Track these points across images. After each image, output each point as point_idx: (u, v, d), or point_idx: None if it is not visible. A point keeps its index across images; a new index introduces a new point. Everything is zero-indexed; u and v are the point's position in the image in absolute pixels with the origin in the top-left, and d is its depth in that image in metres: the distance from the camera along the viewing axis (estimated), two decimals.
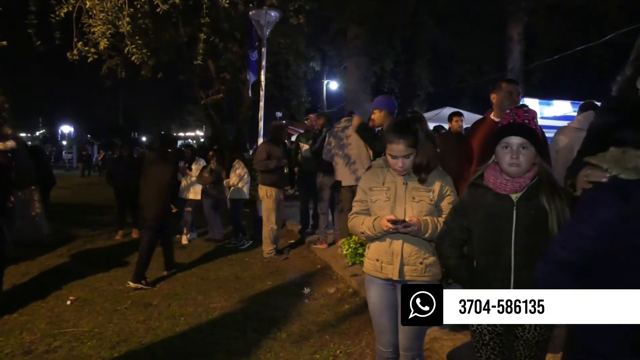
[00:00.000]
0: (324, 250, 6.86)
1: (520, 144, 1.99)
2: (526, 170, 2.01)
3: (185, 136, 48.95)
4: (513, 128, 2.02)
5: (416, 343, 2.60)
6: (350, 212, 2.70)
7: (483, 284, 2.05)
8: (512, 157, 1.98)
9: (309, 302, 4.99)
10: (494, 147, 2.05)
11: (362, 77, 15.03)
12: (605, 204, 1.50)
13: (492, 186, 2.06)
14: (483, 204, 2.08)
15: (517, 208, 2.00)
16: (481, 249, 2.12)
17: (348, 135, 6.12)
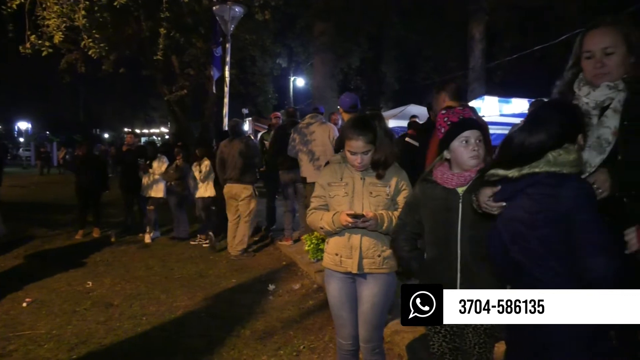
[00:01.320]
0: (290, 247, 6.87)
1: (477, 137, 2.08)
2: (481, 162, 2.09)
3: (149, 133, 47.96)
4: (469, 123, 2.10)
5: (376, 334, 2.65)
6: (309, 207, 2.73)
7: (432, 275, 2.14)
8: (472, 150, 2.07)
9: (273, 298, 4.99)
10: (449, 144, 2.11)
11: (329, 74, 15.08)
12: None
13: (439, 181, 2.14)
14: (432, 198, 2.17)
15: (462, 201, 2.08)
16: (431, 241, 2.21)
17: (312, 132, 6.14)
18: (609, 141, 1.94)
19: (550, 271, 1.66)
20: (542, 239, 1.65)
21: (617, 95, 1.95)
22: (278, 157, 6.94)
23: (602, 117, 1.97)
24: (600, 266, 1.57)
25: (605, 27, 1.98)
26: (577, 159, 1.68)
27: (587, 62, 2.01)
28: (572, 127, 1.71)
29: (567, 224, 1.60)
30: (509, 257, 1.77)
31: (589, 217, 1.60)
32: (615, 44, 1.94)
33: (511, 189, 1.72)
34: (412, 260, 2.28)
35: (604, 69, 1.95)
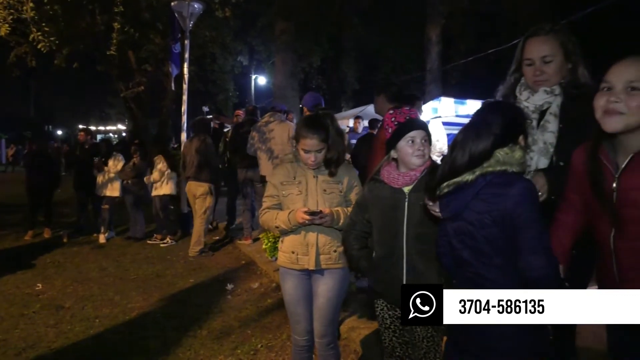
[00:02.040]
0: (249, 246, 6.85)
1: (423, 137, 2.16)
2: (427, 161, 2.17)
3: (105, 130, 46.44)
4: (415, 123, 2.17)
5: (331, 328, 2.71)
6: (262, 207, 2.75)
7: (380, 273, 2.22)
8: (418, 150, 2.14)
9: (231, 298, 4.97)
10: (395, 144, 2.17)
11: (290, 73, 15.02)
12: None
13: (386, 180, 2.21)
14: (380, 198, 2.24)
15: (408, 200, 2.15)
16: (379, 239, 2.28)
17: (271, 130, 6.14)
18: (554, 145, 2.05)
19: (495, 268, 1.71)
20: (488, 238, 1.71)
21: (555, 99, 2.08)
22: (236, 155, 6.90)
23: (544, 122, 2.08)
24: (538, 265, 1.61)
25: (544, 35, 2.09)
26: (522, 157, 1.74)
27: (527, 69, 2.13)
28: (513, 128, 1.77)
29: (512, 222, 1.65)
30: (455, 254, 1.83)
31: (531, 216, 1.64)
32: (553, 53, 2.06)
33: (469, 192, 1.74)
34: (362, 258, 2.34)
35: (543, 76, 2.07)
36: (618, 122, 1.52)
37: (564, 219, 1.85)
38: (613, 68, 1.56)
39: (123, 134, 36.57)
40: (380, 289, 2.30)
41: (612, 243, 1.61)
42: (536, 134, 2.09)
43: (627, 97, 1.49)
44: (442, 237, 1.91)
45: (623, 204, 1.55)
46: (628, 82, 1.50)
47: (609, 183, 1.59)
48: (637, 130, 1.52)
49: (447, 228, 1.86)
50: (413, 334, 2.27)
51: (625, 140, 1.56)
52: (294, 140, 2.68)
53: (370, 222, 2.32)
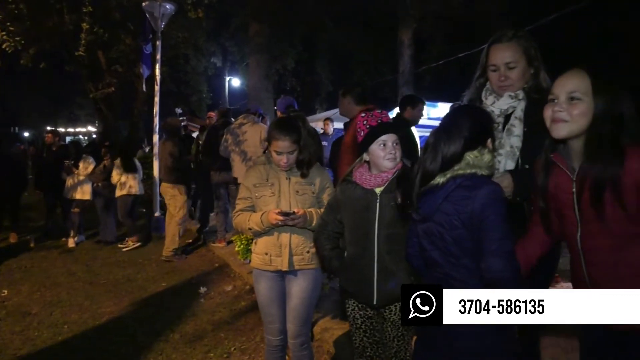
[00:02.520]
0: (222, 249, 6.80)
1: (394, 141, 2.20)
2: (398, 164, 2.22)
3: (75, 132, 45.32)
4: (387, 127, 2.22)
5: (305, 329, 2.73)
6: (235, 209, 2.75)
7: (351, 272, 2.25)
8: (389, 153, 2.18)
9: (204, 301, 4.93)
10: (367, 146, 2.22)
11: (264, 74, 14.99)
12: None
13: (359, 181, 2.25)
14: (352, 199, 2.27)
15: (380, 201, 2.19)
16: (350, 239, 2.31)
17: (244, 132, 6.12)
18: (520, 148, 2.12)
19: (463, 269, 1.76)
20: (456, 239, 1.74)
21: (519, 104, 2.15)
22: (209, 157, 6.86)
23: (510, 126, 2.15)
24: (497, 267, 1.64)
25: (508, 42, 2.16)
26: (491, 160, 1.79)
27: (492, 75, 2.20)
28: (482, 131, 1.82)
29: (478, 224, 1.69)
30: (425, 255, 1.87)
31: (497, 219, 1.68)
32: (517, 59, 2.13)
33: (440, 194, 1.77)
34: (333, 259, 2.37)
35: (507, 82, 2.14)
36: (563, 129, 1.64)
37: (534, 230, 1.89)
38: (557, 81, 1.69)
39: (93, 135, 35.75)
40: (351, 289, 2.33)
41: (579, 243, 1.69)
42: (502, 137, 2.15)
43: (568, 106, 1.62)
44: (412, 238, 1.95)
45: (584, 203, 1.63)
46: (569, 92, 1.62)
47: (568, 187, 1.68)
48: (581, 136, 1.63)
49: (417, 229, 1.90)
50: (384, 334, 2.30)
51: (574, 146, 1.66)
52: (266, 142, 2.70)
53: (342, 222, 2.35)
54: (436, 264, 1.82)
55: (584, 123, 1.60)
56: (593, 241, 1.65)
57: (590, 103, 1.58)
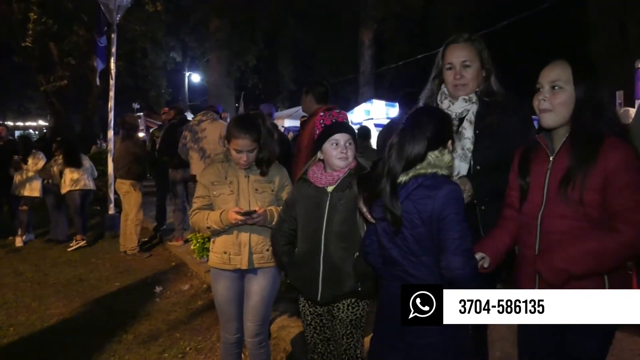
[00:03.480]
0: (180, 247, 6.68)
1: (347, 140, 2.23)
2: (350, 164, 2.24)
3: (25, 126, 43.33)
4: (340, 127, 2.24)
5: (263, 327, 2.73)
6: (192, 208, 2.71)
7: (298, 268, 2.28)
8: (341, 152, 2.20)
9: (160, 300, 4.83)
10: (321, 145, 2.24)
11: (225, 71, 14.87)
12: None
13: (312, 180, 2.28)
14: (305, 196, 2.30)
15: (330, 199, 2.22)
16: (301, 236, 2.33)
17: (203, 129, 6.07)
18: (471, 150, 2.17)
19: (422, 267, 1.79)
20: (417, 237, 1.77)
21: (472, 107, 2.21)
22: (167, 154, 6.73)
23: (461, 129, 2.20)
24: (457, 265, 1.67)
25: (464, 42, 2.23)
26: (451, 160, 1.84)
27: (448, 73, 2.24)
28: (444, 132, 1.85)
29: (438, 223, 1.72)
30: (384, 253, 1.89)
31: (456, 218, 1.72)
32: (472, 58, 2.20)
33: (401, 194, 1.78)
34: (284, 254, 2.37)
35: (463, 80, 2.19)
36: (549, 119, 1.74)
37: (507, 215, 1.95)
38: (542, 71, 1.77)
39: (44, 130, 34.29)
40: (299, 285, 2.34)
41: (540, 218, 1.76)
42: (455, 141, 2.20)
43: (551, 95, 1.71)
44: (371, 236, 1.98)
45: (552, 184, 1.72)
46: (552, 82, 1.71)
47: (545, 164, 1.77)
48: (567, 125, 1.72)
49: (376, 227, 1.92)
50: (333, 331, 2.33)
51: (560, 130, 1.76)
52: (225, 140, 2.66)
53: (297, 220, 2.36)
54: (395, 262, 1.84)
55: (566, 111, 1.69)
56: (553, 221, 1.71)
57: (572, 92, 1.66)
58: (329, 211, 2.20)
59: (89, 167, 7.32)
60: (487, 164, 2.13)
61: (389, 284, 1.89)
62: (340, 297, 2.25)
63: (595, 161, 1.60)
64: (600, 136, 1.63)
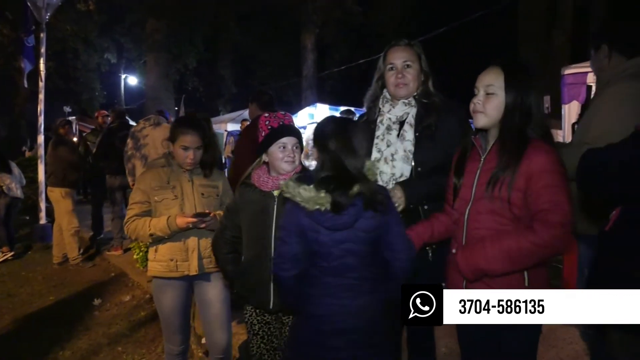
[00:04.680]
0: (119, 257, 6.41)
1: (294, 144, 2.19)
2: (297, 167, 2.21)
3: None
4: (288, 130, 2.20)
5: (230, 338, 2.70)
6: (128, 215, 2.59)
7: (249, 276, 2.21)
8: (289, 156, 2.16)
9: (99, 313, 4.60)
10: (267, 148, 2.19)
11: (164, 73, 14.43)
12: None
13: (257, 184, 2.21)
14: (250, 202, 2.23)
15: (277, 203, 2.17)
16: (247, 243, 2.26)
17: (145, 135, 5.91)
18: (413, 152, 2.24)
19: (374, 267, 1.83)
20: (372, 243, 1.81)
21: (411, 110, 2.29)
22: (104, 160, 6.46)
23: (403, 132, 2.27)
24: (404, 257, 1.81)
25: (404, 45, 2.34)
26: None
27: (389, 74, 2.31)
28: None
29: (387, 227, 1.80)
30: (332, 264, 1.81)
31: (396, 218, 1.85)
32: (412, 60, 2.30)
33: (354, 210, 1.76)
34: (229, 263, 2.30)
35: (404, 80, 2.27)
36: (481, 120, 1.84)
37: (446, 210, 2.03)
38: (479, 76, 1.87)
39: None
40: (247, 294, 2.27)
41: (467, 215, 1.85)
42: (397, 143, 2.27)
43: (485, 99, 1.81)
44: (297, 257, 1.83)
45: (481, 182, 1.81)
46: (486, 87, 1.81)
47: (476, 163, 1.86)
48: (498, 127, 1.82)
49: (319, 241, 1.80)
50: (281, 340, 2.28)
51: (492, 132, 1.86)
52: (169, 141, 2.59)
53: (241, 226, 2.29)
54: (349, 269, 1.80)
55: (497, 115, 1.79)
56: (478, 217, 1.81)
57: (503, 97, 1.76)
58: (277, 216, 2.15)
59: (17, 174, 6.87)
60: (427, 165, 2.21)
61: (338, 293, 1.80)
62: None
63: (519, 163, 1.70)
64: (526, 139, 1.72)
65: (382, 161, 2.26)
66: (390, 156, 2.25)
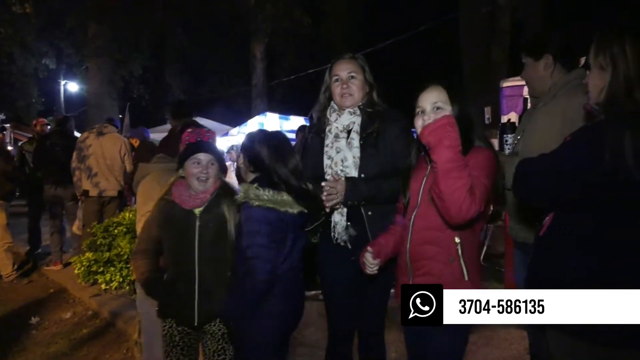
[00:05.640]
0: (59, 272, 6.09)
1: (209, 160, 2.21)
2: (212, 184, 2.22)
3: None
4: (203, 146, 2.22)
5: None
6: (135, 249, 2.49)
7: (172, 294, 2.20)
8: (202, 172, 2.18)
9: (37, 332, 4.36)
10: (183, 163, 2.21)
11: (107, 80, 13.89)
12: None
13: (177, 201, 2.20)
14: (171, 219, 2.21)
15: (199, 222, 2.19)
16: (171, 261, 2.26)
17: (89, 146, 5.77)
18: (360, 158, 2.35)
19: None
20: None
21: (357, 119, 2.40)
22: (42, 170, 6.16)
23: (350, 140, 2.38)
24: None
25: (349, 59, 2.46)
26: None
27: (335, 85, 2.43)
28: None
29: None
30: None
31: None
32: (357, 71, 2.42)
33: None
34: (152, 280, 2.26)
35: (349, 90, 2.39)
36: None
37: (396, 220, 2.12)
38: (421, 95, 1.98)
39: None
40: (171, 311, 2.25)
41: (413, 219, 1.96)
42: (346, 150, 2.36)
43: (435, 114, 1.91)
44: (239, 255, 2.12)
45: (426, 188, 1.91)
46: (433, 103, 1.93)
47: (424, 171, 1.98)
48: None
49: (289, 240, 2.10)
50: (203, 349, 2.28)
51: None
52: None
53: (161, 243, 2.26)
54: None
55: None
56: (424, 219, 1.93)
57: (449, 110, 1.90)
58: (200, 234, 2.17)
59: None
60: (371, 171, 2.32)
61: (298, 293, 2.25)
62: (215, 317, 2.23)
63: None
64: (471, 144, 1.90)
65: (333, 167, 2.36)
66: (340, 162, 2.35)
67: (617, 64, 1.53)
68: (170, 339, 2.27)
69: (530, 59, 2.48)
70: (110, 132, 6.00)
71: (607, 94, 1.55)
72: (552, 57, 2.40)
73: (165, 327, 2.28)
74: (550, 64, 2.41)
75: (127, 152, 5.98)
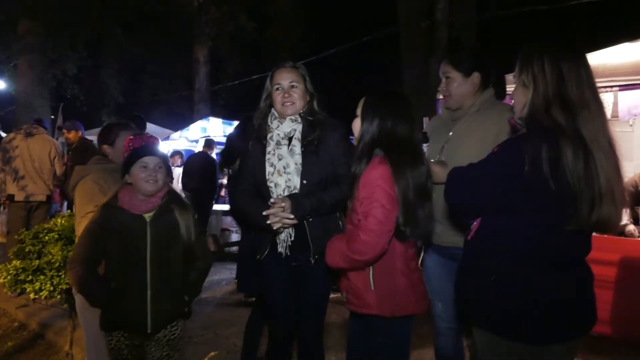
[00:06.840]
0: None
1: (157, 164, 2.19)
2: (161, 187, 2.21)
3: None
4: (149, 150, 2.20)
5: None
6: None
7: (121, 303, 2.15)
8: (150, 175, 2.15)
9: None
10: (129, 168, 2.18)
11: (38, 79, 13.15)
12: None
13: (126, 207, 2.15)
14: (118, 225, 2.15)
15: (150, 227, 2.16)
16: (118, 269, 2.19)
17: (16, 147, 5.49)
18: (302, 164, 2.41)
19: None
20: None
21: (298, 126, 2.47)
22: None
23: (292, 147, 2.43)
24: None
25: (290, 68, 2.52)
26: None
27: (277, 93, 2.47)
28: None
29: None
30: None
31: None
32: (298, 80, 2.48)
33: None
34: (97, 289, 2.19)
35: (291, 99, 2.44)
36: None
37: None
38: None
39: None
40: (120, 319, 2.19)
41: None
42: (288, 157, 2.42)
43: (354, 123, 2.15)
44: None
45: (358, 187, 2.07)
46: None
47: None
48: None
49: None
50: (148, 356, 2.25)
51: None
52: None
53: (105, 250, 2.19)
54: None
55: (358, 135, 2.15)
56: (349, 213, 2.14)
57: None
58: (152, 240, 2.13)
59: None
60: (312, 178, 2.39)
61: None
62: (167, 323, 2.22)
63: (361, 175, 2.09)
64: (369, 155, 2.12)
65: (275, 174, 2.40)
66: (282, 169, 2.40)
67: (537, 83, 1.64)
68: (118, 353, 2.19)
69: (459, 74, 2.49)
70: (40, 134, 5.71)
71: (529, 110, 1.67)
72: (482, 76, 2.46)
73: (112, 341, 2.20)
74: (478, 82, 2.46)
75: (58, 154, 5.72)
